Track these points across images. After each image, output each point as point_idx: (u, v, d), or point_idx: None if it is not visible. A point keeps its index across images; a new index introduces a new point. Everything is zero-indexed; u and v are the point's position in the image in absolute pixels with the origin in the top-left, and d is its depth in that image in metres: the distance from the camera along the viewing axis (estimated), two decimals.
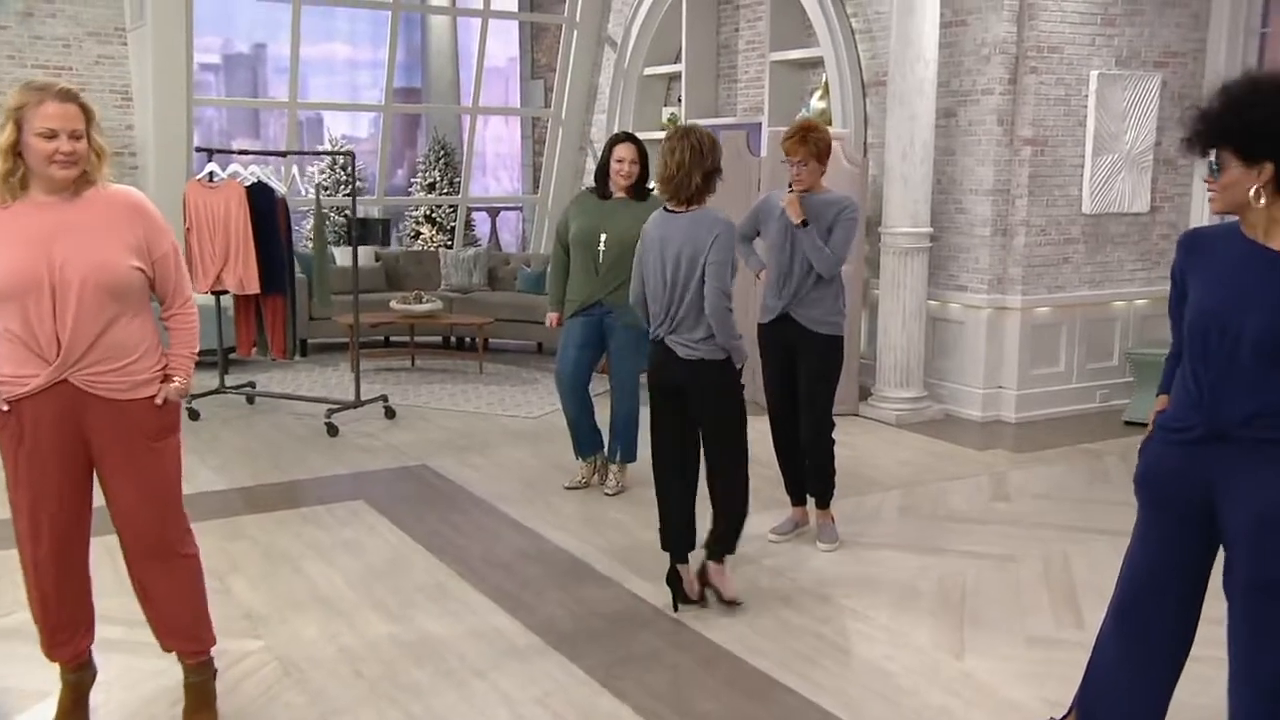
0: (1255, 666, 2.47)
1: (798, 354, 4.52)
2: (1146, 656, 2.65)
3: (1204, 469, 2.49)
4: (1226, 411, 2.43)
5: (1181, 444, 2.53)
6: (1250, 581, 2.44)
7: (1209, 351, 2.46)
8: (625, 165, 4.99)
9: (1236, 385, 2.42)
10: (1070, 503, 5.25)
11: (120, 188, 2.88)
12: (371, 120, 14.59)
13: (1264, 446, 2.40)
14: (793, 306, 4.48)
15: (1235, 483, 2.45)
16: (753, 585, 4.20)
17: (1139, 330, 7.13)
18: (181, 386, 2.93)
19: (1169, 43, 6.91)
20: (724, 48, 9.24)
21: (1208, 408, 2.46)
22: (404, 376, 8.14)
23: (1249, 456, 2.43)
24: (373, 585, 4.17)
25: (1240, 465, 2.44)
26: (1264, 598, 2.44)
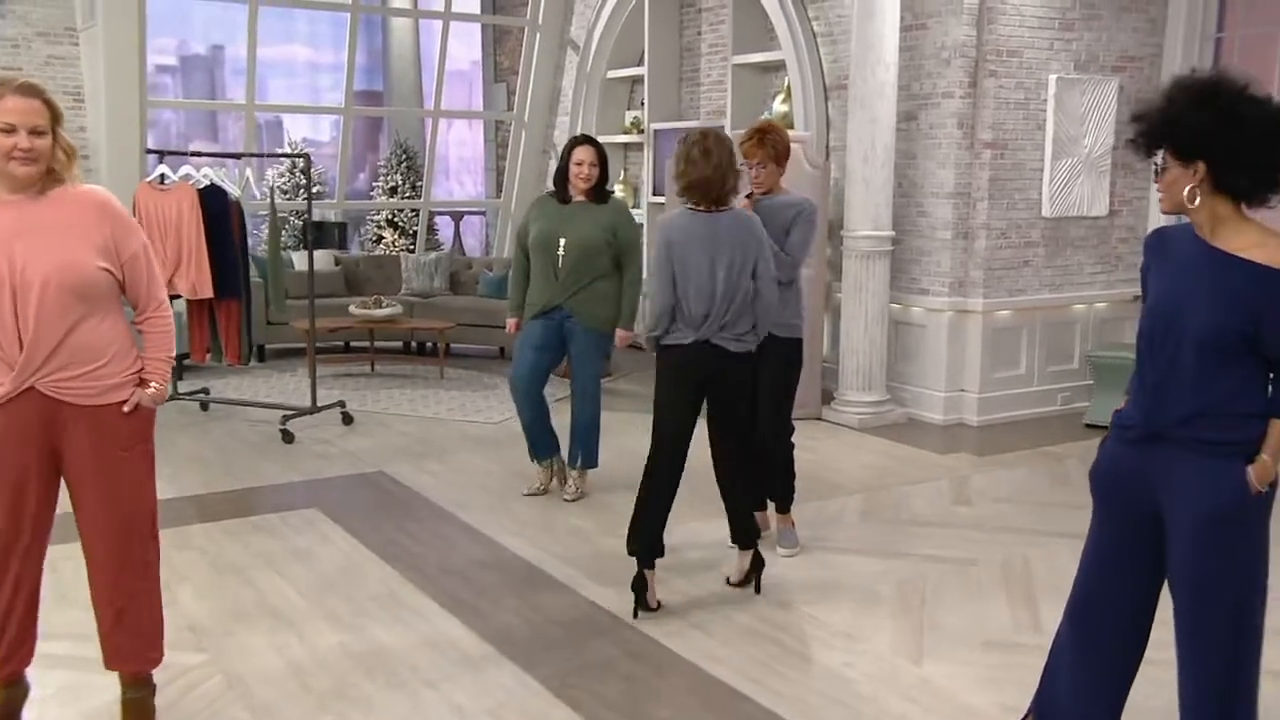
0: (1201, 663, 2.48)
1: (757, 359, 4.47)
2: (1101, 656, 2.64)
3: (1147, 468, 2.51)
4: (1168, 410, 2.44)
5: (1128, 442, 2.55)
6: (1191, 579, 2.46)
7: (1154, 350, 2.48)
8: (584, 168, 4.93)
9: (1179, 385, 2.43)
10: (1031, 506, 5.25)
11: (88, 187, 2.80)
12: (333, 123, 14.44)
13: (1203, 446, 2.42)
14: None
15: (1175, 481, 2.46)
16: (710, 592, 4.15)
17: (1099, 333, 7.17)
18: (157, 392, 2.87)
19: (1126, 47, 6.96)
20: (687, 51, 9.22)
21: (1149, 407, 2.48)
22: (363, 382, 8.03)
23: (1188, 456, 2.44)
24: (324, 595, 4.08)
25: (1179, 464, 2.45)
26: (1204, 595, 2.46)
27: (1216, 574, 2.43)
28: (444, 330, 8.19)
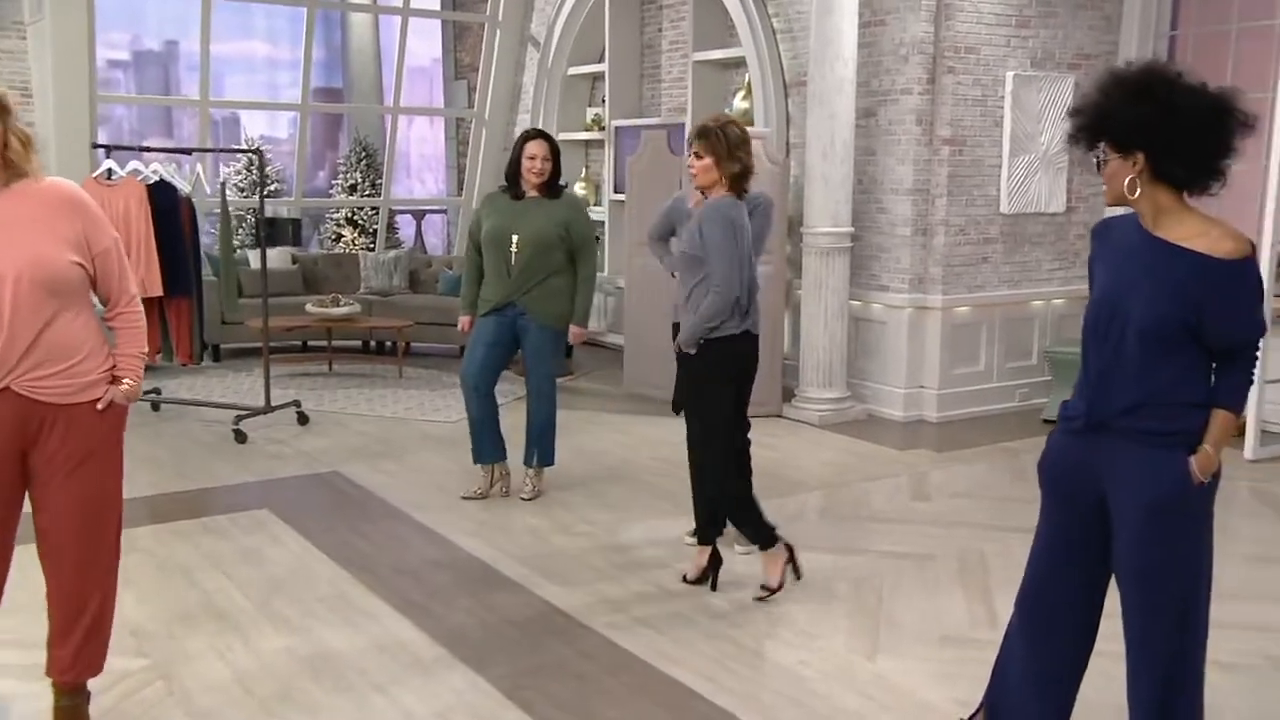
0: (1147, 654, 2.49)
1: None
2: (1051, 648, 2.64)
3: (1092, 459, 2.51)
4: (1110, 401, 2.45)
5: (1073, 433, 2.55)
6: (1135, 570, 2.47)
7: (1099, 340, 2.48)
8: (536, 162, 4.88)
9: (1123, 375, 2.43)
10: (989, 501, 5.26)
11: (56, 180, 2.73)
12: (291, 120, 14.26)
13: (1145, 437, 2.42)
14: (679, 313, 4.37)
15: (1119, 472, 2.47)
16: (666, 590, 4.12)
17: (1057, 329, 7.20)
18: (130, 389, 2.80)
19: (1082, 45, 7.00)
20: (648, 48, 9.18)
21: (1093, 397, 2.48)
22: (320, 381, 7.92)
23: (1131, 446, 2.44)
24: (272, 597, 4.00)
25: (1121, 456, 2.46)
26: (1149, 585, 2.46)
27: (1160, 564, 2.44)
28: (402, 329, 8.10)
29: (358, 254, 9.51)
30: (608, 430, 6.58)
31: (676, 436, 4.68)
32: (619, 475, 5.62)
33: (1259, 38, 6.60)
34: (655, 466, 5.79)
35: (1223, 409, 2.42)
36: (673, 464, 5.70)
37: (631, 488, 5.40)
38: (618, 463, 5.87)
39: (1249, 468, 5.82)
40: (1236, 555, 4.44)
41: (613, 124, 9.14)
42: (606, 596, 4.05)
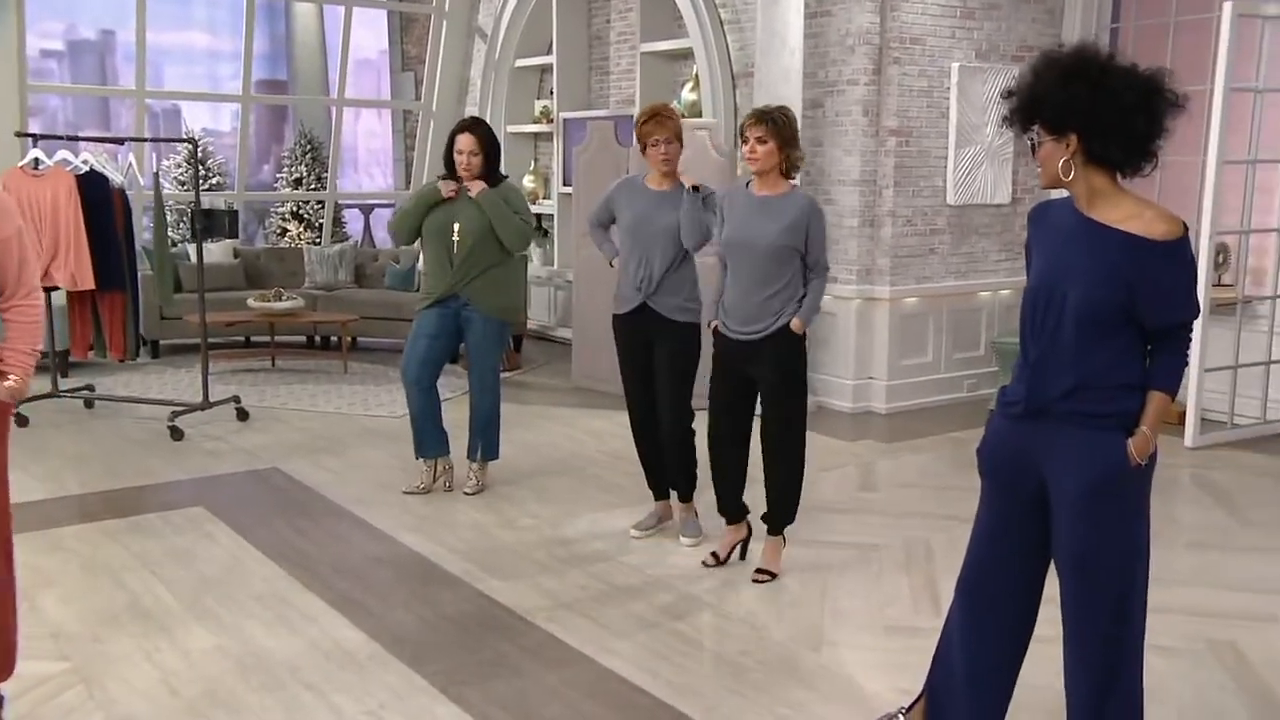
0: (1085, 638, 2.48)
1: (655, 343, 4.39)
2: (990, 635, 2.63)
3: (1031, 443, 2.50)
4: (1048, 385, 2.44)
5: (1013, 418, 2.53)
6: (1073, 553, 2.46)
7: (1036, 324, 2.47)
8: (464, 157, 4.77)
9: (1059, 358, 2.43)
10: (935, 491, 5.26)
11: None
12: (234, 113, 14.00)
13: (1084, 419, 2.41)
14: (650, 296, 4.35)
15: (1056, 456, 2.46)
16: (609, 584, 4.06)
17: (1004, 320, 7.24)
18: (16, 386, 2.66)
19: (1025, 37, 7.04)
20: (596, 39, 9.11)
21: (1031, 382, 2.47)
22: (262, 377, 7.77)
23: (1069, 430, 2.43)
24: (202, 596, 3.89)
25: (1060, 440, 2.45)
26: (1087, 569, 2.45)
27: (1098, 548, 2.43)
28: (347, 323, 7.97)
29: (302, 248, 9.34)
30: (554, 424, 6.51)
31: (622, 429, 4.65)
32: (565, 469, 5.56)
33: (1197, 30, 6.67)
34: (601, 459, 5.73)
35: (1159, 391, 2.42)
36: (618, 457, 5.65)
37: (577, 481, 5.34)
38: (564, 456, 5.80)
39: (1189, 455, 5.88)
40: (1178, 542, 4.47)
41: (561, 116, 9.06)
42: (549, 591, 3.99)
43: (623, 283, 4.43)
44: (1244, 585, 4.07)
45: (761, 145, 3.90)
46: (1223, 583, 4.09)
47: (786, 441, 4.07)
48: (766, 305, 3.93)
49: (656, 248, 4.32)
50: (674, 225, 4.31)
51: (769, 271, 3.92)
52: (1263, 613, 3.81)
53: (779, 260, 3.91)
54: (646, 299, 4.35)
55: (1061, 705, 2.63)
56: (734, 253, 3.99)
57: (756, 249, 3.92)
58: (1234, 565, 4.28)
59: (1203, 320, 5.74)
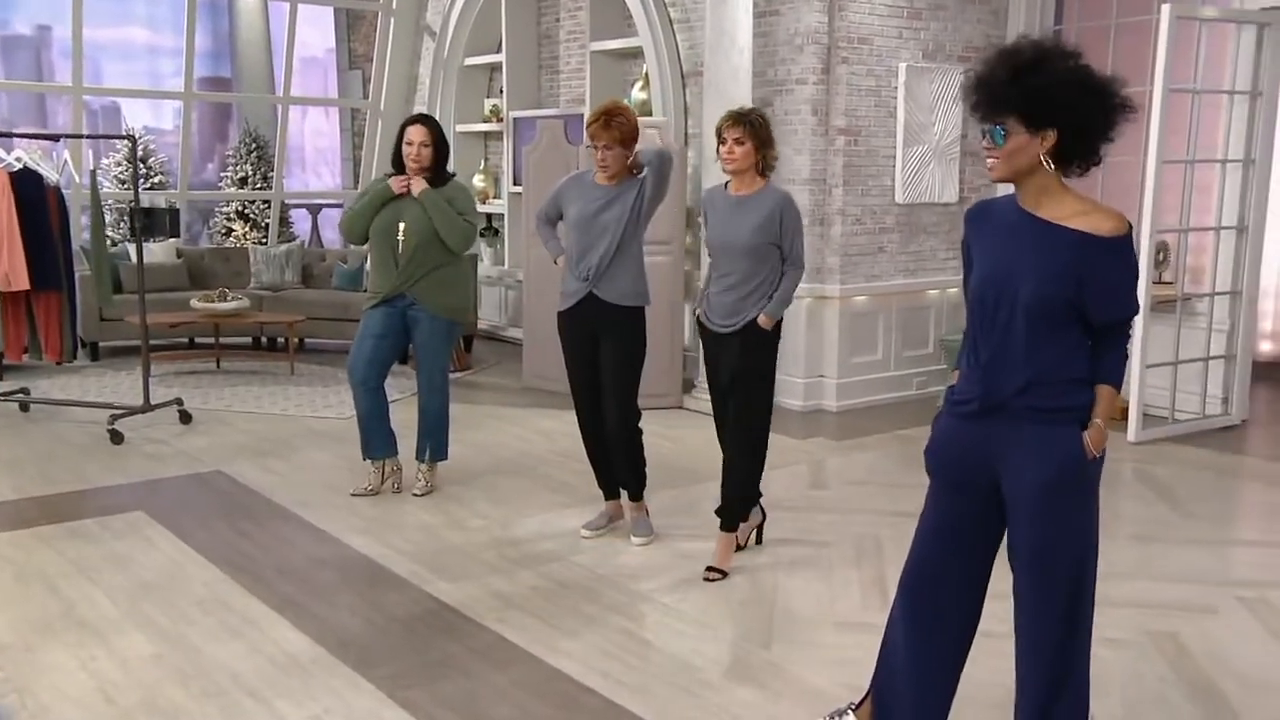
0: (1039, 634, 2.50)
1: (601, 335, 4.36)
2: (935, 633, 2.64)
3: (985, 442, 2.51)
4: (1002, 382, 2.46)
5: (963, 417, 2.55)
6: (1030, 549, 2.47)
7: (985, 322, 2.49)
8: (414, 148, 4.73)
9: (1012, 355, 2.45)
10: (885, 488, 5.29)
11: None
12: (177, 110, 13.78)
13: (1038, 415, 2.43)
14: (595, 284, 4.31)
15: (1013, 453, 2.47)
16: (559, 584, 4.03)
17: (952, 318, 7.31)
18: None
19: (971, 38, 7.12)
20: (545, 38, 9.07)
21: (984, 380, 2.49)
22: (206, 379, 7.63)
23: (1024, 426, 2.45)
24: (141, 603, 3.81)
25: (1016, 436, 2.46)
26: (1042, 564, 2.47)
27: (1054, 542, 2.45)
28: (294, 324, 7.85)
29: (247, 248, 9.20)
30: (505, 424, 6.47)
31: (573, 429, 4.61)
32: (515, 469, 5.52)
33: (1137, 33, 6.79)
34: (551, 459, 5.70)
35: (1107, 385, 2.45)
36: (568, 456, 5.63)
37: (527, 481, 5.30)
38: (514, 456, 5.76)
39: (1131, 449, 5.98)
40: (1120, 535, 4.54)
41: (511, 115, 9.01)
42: (498, 591, 3.96)
43: (567, 278, 4.41)
44: (1184, 577, 4.14)
45: (740, 146, 3.97)
46: (1164, 575, 4.16)
47: (742, 437, 4.11)
48: (744, 301, 4.04)
49: (601, 242, 4.30)
50: (621, 220, 4.29)
51: (749, 268, 4.01)
52: (1202, 604, 3.87)
53: (758, 257, 4.00)
54: (593, 288, 4.31)
55: (1006, 700, 2.66)
56: (717, 252, 4.10)
57: (736, 247, 4.00)
58: (1175, 558, 4.35)
59: (1144, 317, 5.84)
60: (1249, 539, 4.78)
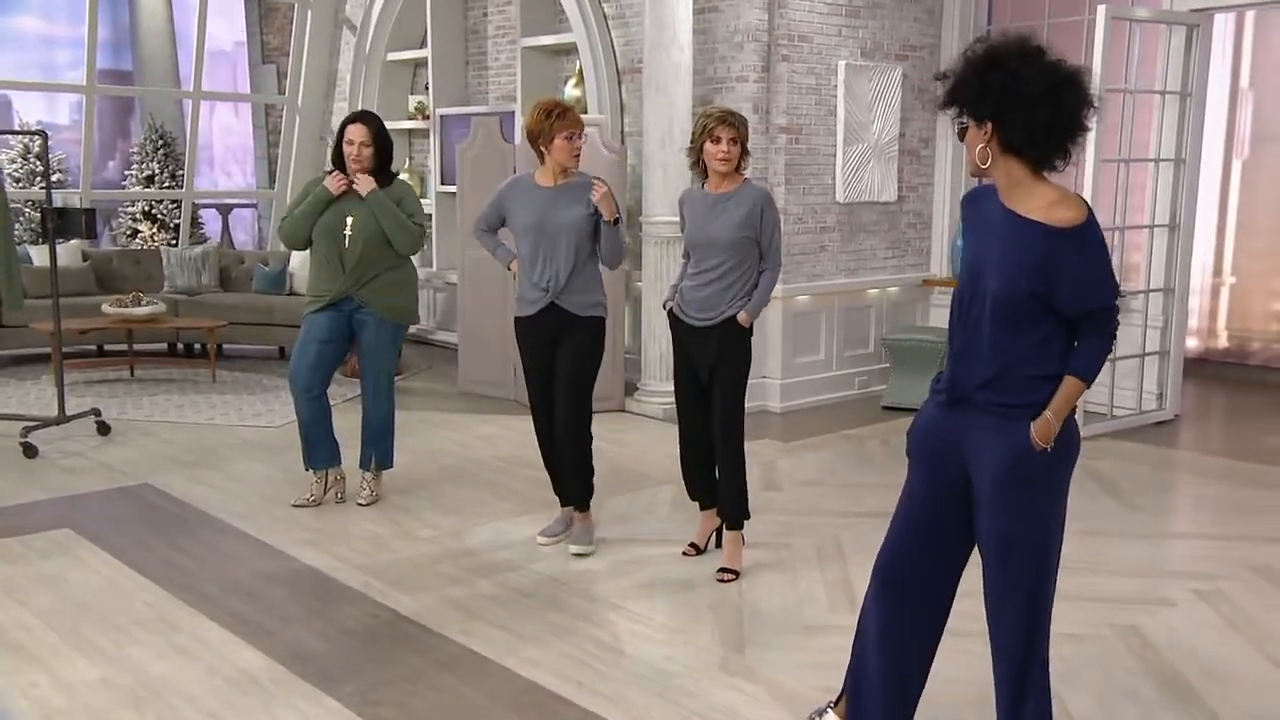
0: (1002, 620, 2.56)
1: (561, 344, 4.35)
2: (907, 621, 2.70)
3: (955, 431, 2.58)
4: (968, 375, 2.53)
5: (940, 405, 2.62)
6: (991, 541, 2.54)
7: (963, 315, 2.55)
8: (354, 148, 4.66)
9: (978, 349, 2.51)
10: (838, 488, 5.38)
11: None
12: (74, 105, 13.33)
13: (1000, 409, 2.50)
14: (560, 295, 4.30)
15: (975, 445, 2.54)
16: (519, 593, 4.01)
17: (892, 316, 7.46)
18: None
19: (908, 37, 7.27)
20: (472, 33, 8.99)
21: (954, 371, 2.56)
22: (121, 388, 7.39)
23: (985, 419, 2.52)
24: (79, 624, 3.67)
25: (980, 428, 2.53)
26: (1002, 556, 2.53)
27: (1010, 534, 2.51)
28: (214, 329, 7.64)
29: (159, 250, 8.93)
30: (443, 430, 6.40)
31: (515, 434, 4.59)
32: (459, 476, 5.46)
33: (1069, 32, 7.02)
34: (496, 465, 5.65)
35: (1072, 376, 2.48)
36: (513, 462, 5.60)
37: (473, 488, 5.25)
38: (457, 463, 5.70)
39: None
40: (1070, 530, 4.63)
41: (438, 112, 8.91)
42: (458, 602, 3.91)
43: (524, 284, 4.38)
44: (1138, 571, 4.29)
45: (734, 146, 4.08)
46: (1118, 569, 4.30)
47: (730, 431, 4.21)
48: (721, 295, 4.13)
49: (561, 246, 4.28)
50: (577, 221, 4.28)
51: (730, 263, 4.11)
52: (1159, 597, 4.02)
53: (738, 252, 4.10)
54: (555, 299, 4.30)
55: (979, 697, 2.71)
56: (697, 249, 4.17)
57: (719, 243, 4.10)
58: (1126, 550, 4.50)
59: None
60: (1195, 532, 4.97)
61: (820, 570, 4.26)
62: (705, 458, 4.38)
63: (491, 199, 4.48)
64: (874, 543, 4.37)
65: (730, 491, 4.27)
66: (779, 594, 4.03)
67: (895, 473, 5.65)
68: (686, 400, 4.35)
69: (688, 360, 4.30)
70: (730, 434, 4.25)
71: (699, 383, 4.28)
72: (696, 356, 4.25)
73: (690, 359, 4.28)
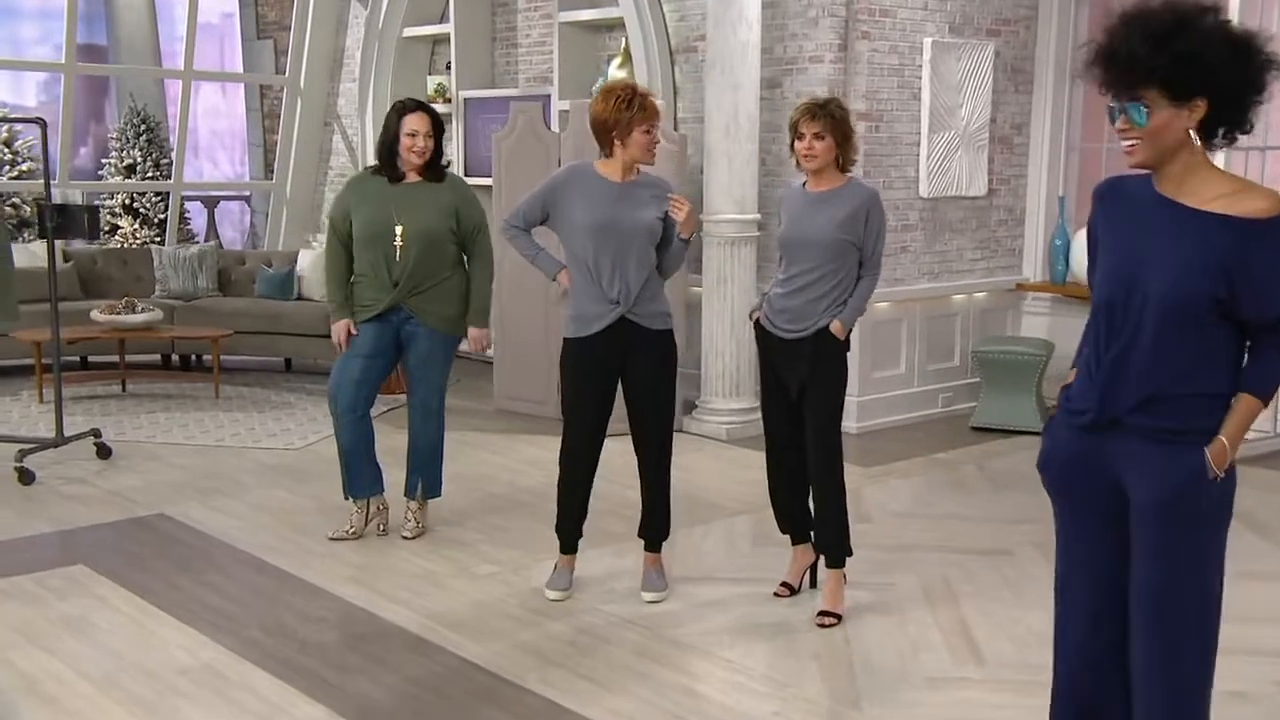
0: (1161, 681, 2.54)
1: (632, 366, 4.34)
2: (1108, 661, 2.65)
3: (1106, 457, 2.54)
4: (1120, 395, 2.48)
5: (1079, 428, 2.57)
6: (1148, 585, 2.51)
7: (1112, 323, 2.50)
8: (419, 139, 4.71)
9: (1134, 364, 2.47)
10: (935, 520, 5.40)
11: None
12: (41, 85, 13.46)
13: (1159, 434, 2.46)
14: (632, 308, 4.30)
15: (1130, 472, 2.51)
16: (593, 636, 4.06)
17: (981, 325, 7.49)
18: None
19: (1001, 9, 7.31)
20: (501, 6, 9.07)
21: (1101, 389, 2.51)
22: (115, 405, 7.47)
23: (1143, 447, 2.48)
24: (114, 674, 3.72)
25: (1135, 456, 2.49)
26: (1162, 601, 2.50)
27: (1173, 579, 2.49)
28: (219, 339, 7.71)
29: (149, 250, 9.01)
30: (484, 453, 6.45)
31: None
32: (511, 506, 5.51)
33: None
34: (548, 493, 5.60)
35: (1249, 394, 2.46)
36: None
37: (528, 519, 5.29)
38: (507, 491, 5.75)
39: None
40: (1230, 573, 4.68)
41: (461, 95, 8.98)
42: (530, 647, 3.96)
43: (582, 298, 4.29)
44: None
45: (819, 141, 4.09)
46: (1276, 615, 4.30)
47: (825, 456, 4.25)
48: (814, 304, 4.17)
49: (632, 251, 4.24)
50: (651, 224, 4.27)
51: (825, 268, 4.15)
52: None
53: (835, 256, 4.14)
54: (627, 312, 4.29)
55: None
56: (790, 250, 4.22)
57: (811, 244, 4.14)
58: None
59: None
60: None
61: (932, 614, 4.29)
62: (800, 484, 4.41)
63: (539, 190, 4.37)
64: (986, 583, 4.42)
65: (830, 525, 4.30)
66: (890, 641, 4.06)
67: (998, 503, 5.76)
68: (778, 420, 4.39)
69: (776, 377, 4.34)
70: (827, 460, 4.28)
71: (789, 400, 4.32)
72: (785, 373, 4.28)
73: (779, 375, 4.32)
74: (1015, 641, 4.02)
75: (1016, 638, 4.05)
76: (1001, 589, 4.53)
